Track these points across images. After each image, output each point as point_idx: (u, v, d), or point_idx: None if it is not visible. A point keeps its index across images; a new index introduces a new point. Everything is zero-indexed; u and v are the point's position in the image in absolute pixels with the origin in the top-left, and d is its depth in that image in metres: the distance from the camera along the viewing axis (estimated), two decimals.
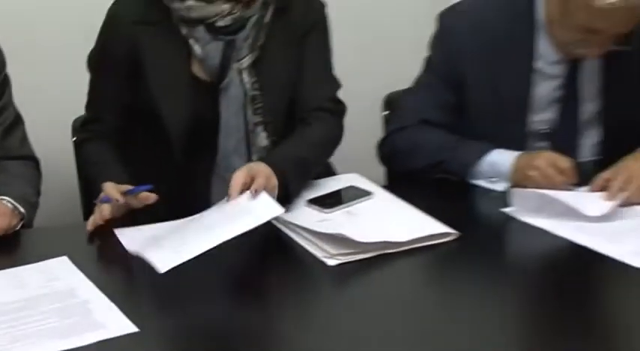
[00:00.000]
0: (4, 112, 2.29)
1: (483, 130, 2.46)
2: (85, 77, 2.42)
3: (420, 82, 2.55)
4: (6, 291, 1.88)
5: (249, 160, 2.32)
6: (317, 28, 2.42)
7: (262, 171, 2.11)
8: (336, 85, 2.46)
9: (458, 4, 2.55)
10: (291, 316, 1.82)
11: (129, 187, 2.13)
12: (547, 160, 2.27)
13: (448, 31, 2.50)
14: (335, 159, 2.58)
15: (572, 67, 2.46)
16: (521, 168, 2.30)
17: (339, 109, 2.45)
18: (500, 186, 2.34)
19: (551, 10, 2.36)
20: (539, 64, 2.46)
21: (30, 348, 1.65)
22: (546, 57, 2.45)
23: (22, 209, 2.14)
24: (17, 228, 2.12)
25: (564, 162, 2.27)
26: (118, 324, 1.72)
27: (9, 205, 2.12)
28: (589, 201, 2.19)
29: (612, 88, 2.49)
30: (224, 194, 2.20)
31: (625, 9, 2.19)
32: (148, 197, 2.11)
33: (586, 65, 2.46)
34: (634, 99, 2.50)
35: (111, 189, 2.09)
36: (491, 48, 2.45)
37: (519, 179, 2.30)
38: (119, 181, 2.16)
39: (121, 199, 2.08)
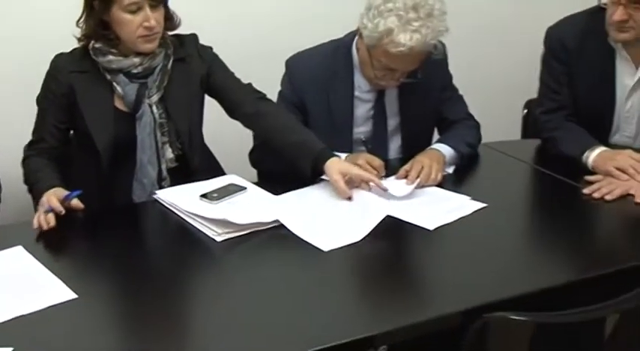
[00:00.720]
0: None
1: (322, 138, 2.40)
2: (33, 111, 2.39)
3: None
4: None
5: (160, 169, 2.36)
6: (215, 64, 2.43)
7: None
8: (250, 84, 2.45)
9: (299, 53, 2.56)
10: (189, 276, 1.88)
11: (65, 192, 2.14)
12: (365, 159, 2.33)
13: (293, 72, 2.54)
14: (223, 162, 2.61)
15: (380, 94, 2.53)
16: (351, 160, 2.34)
17: (264, 95, 2.44)
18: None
19: (362, 56, 2.44)
20: (357, 93, 2.52)
21: None
22: (361, 87, 2.52)
23: None
24: None
25: (376, 161, 2.33)
26: (61, 292, 1.75)
27: None
28: (396, 185, 2.28)
29: (406, 108, 2.57)
30: (142, 194, 2.35)
31: (411, 54, 2.29)
32: (78, 205, 2.13)
33: (388, 92, 2.54)
34: (421, 115, 2.59)
35: (54, 201, 2.08)
36: (324, 82, 2.50)
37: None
38: (53, 184, 2.18)
39: (62, 210, 2.08)
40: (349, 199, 2.19)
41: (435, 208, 2.18)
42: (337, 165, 2.21)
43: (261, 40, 3.19)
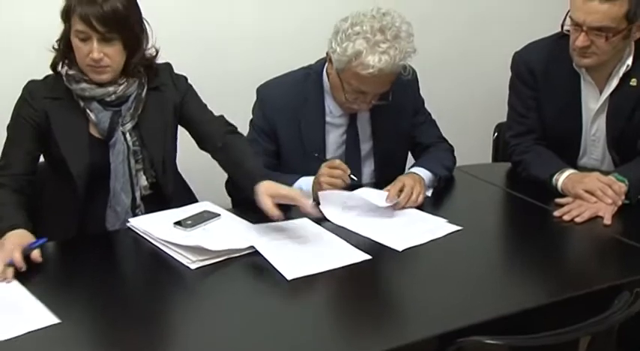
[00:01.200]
0: None
1: (295, 166, 2.52)
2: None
3: (249, 138, 2.52)
4: None
5: (134, 196, 2.34)
6: (188, 94, 2.42)
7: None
8: (222, 117, 2.44)
9: (269, 80, 2.57)
10: (162, 303, 1.87)
11: (30, 237, 2.04)
12: (327, 166, 2.34)
13: (264, 100, 2.55)
14: (197, 190, 2.61)
15: (352, 118, 2.56)
16: (315, 182, 2.36)
17: (235, 128, 2.43)
18: None
19: (332, 80, 2.46)
20: (329, 118, 2.54)
21: None
22: (333, 113, 2.54)
23: None
24: None
25: (338, 162, 2.35)
26: (44, 318, 1.73)
27: None
28: (377, 195, 2.33)
29: (379, 132, 2.59)
30: (116, 222, 2.32)
31: (381, 76, 2.31)
32: (37, 258, 1.98)
33: (360, 117, 2.56)
34: (394, 139, 2.62)
35: (17, 256, 1.93)
36: (295, 109, 2.51)
37: (318, 189, 2.33)
38: (16, 224, 2.07)
39: (24, 267, 1.94)
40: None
41: (409, 229, 2.20)
42: (265, 187, 2.16)
43: (231, 66, 3.21)
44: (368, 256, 2.04)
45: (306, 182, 2.41)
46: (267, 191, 2.15)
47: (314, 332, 1.76)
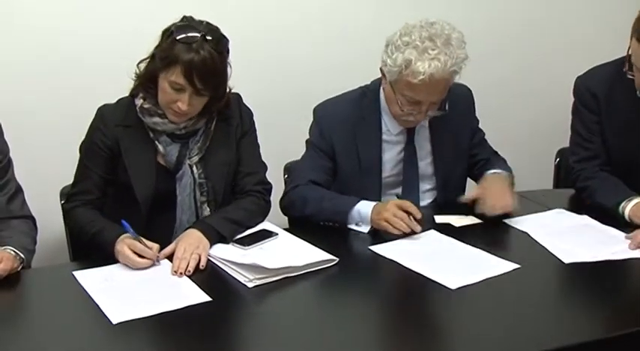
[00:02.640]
0: (9, 184, 2.25)
1: (351, 183, 2.52)
2: (68, 158, 2.41)
3: (305, 156, 2.58)
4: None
5: None
6: (250, 133, 2.44)
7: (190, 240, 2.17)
8: (263, 170, 2.47)
9: (326, 100, 2.59)
10: (222, 324, 1.86)
11: (134, 238, 2.13)
12: (396, 204, 2.30)
13: (321, 119, 2.56)
14: None
15: (410, 137, 2.54)
16: (377, 212, 2.31)
17: (265, 189, 2.45)
18: (365, 228, 2.36)
19: (387, 94, 2.45)
20: (386, 136, 2.53)
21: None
22: (391, 131, 2.53)
23: (21, 255, 2.12)
24: (18, 269, 2.10)
25: (409, 204, 2.30)
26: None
27: (12, 252, 2.09)
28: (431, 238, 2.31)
29: (437, 149, 2.57)
30: None
31: (432, 82, 2.28)
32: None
33: (419, 135, 2.55)
34: (453, 157, 2.60)
35: (149, 252, 2.11)
36: (352, 127, 2.51)
37: (377, 223, 2.32)
38: (120, 232, 2.16)
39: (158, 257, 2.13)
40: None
41: (463, 266, 2.13)
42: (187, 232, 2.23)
43: (289, 87, 3.24)
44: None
45: (365, 206, 2.39)
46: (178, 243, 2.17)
47: (365, 348, 1.76)
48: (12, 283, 2.06)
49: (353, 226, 2.39)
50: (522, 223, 2.39)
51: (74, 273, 2.11)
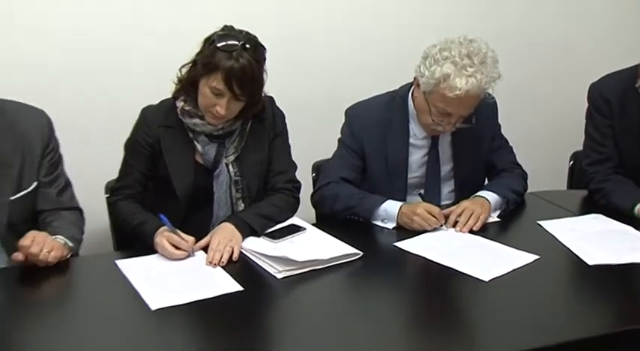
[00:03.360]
0: (59, 178, 2.28)
1: (378, 182, 2.53)
2: (113, 155, 2.43)
3: (337, 154, 2.59)
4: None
5: None
6: (281, 134, 2.45)
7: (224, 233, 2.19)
8: (293, 169, 2.48)
9: (357, 103, 2.59)
10: (251, 313, 1.85)
11: (171, 229, 2.17)
12: (424, 208, 2.32)
13: (352, 120, 2.56)
14: None
15: (434, 141, 2.54)
16: (406, 213, 2.33)
17: (295, 187, 2.46)
18: (390, 225, 2.38)
19: (419, 103, 2.44)
20: (412, 140, 2.54)
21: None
22: (417, 135, 2.53)
23: (71, 244, 2.14)
24: (67, 257, 2.13)
25: (435, 209, 2.33)
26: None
27: (62, 241, 2.12)
28: (450, 236, 2.32)
29: (459, 155, 2.57)
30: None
31: (466, 98, 2.29)
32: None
33: (442, 140, 2.55)
34: (472, 162, 2.59)
35: (184, 244, 2.14)
36: (381, 130, 2.51)
37: (404, 221, 2.34)
38: (159, 224, 2.20)
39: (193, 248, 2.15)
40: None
41: (491, 259, 2.12)
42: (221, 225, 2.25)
43: (318, 91, 3.24)
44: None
45: (391, 205, 2.40)
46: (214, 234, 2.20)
47: (394, 337, 1.75)
48: (61, 270, 2.09)
49: (378, 223, 2.40)
50: (552, 225, 2.36)
51: (117, 262, 2.13)
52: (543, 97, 3.67)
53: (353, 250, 2.15)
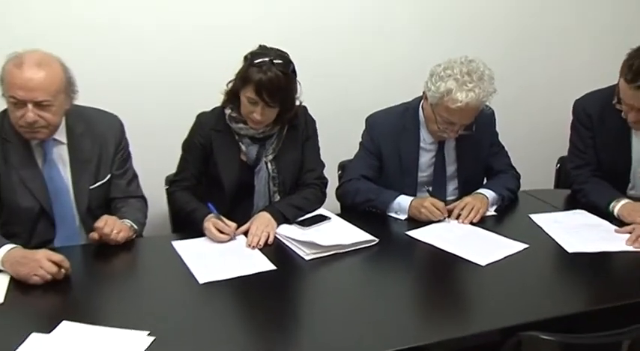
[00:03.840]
0: (128, 171, 2.30)
1: (393, 179, 2.50)
2: (172, 153, 2.43)
3: (358, 155, 2.56)
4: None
5: None
6: (312, 137, 2.44)
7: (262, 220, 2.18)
8: (321, 168, 2.46)
9: (376, 112, 2.56)
10: (283, 289, 1.86)
11: (218, 218, 2.16)
12: (431, 202, 2.31)
13: (372, 126, 2.53)
14: None
15: (440, 146, 2.51)
16: (415, 206, 2.32)
17: (323, 183, 2.44)
18: (402, 216, 2.35)
19: (427, 113, 2.42)
20: (422, 144, 2.51)
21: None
22: (425, 140, 2.50)
23: (135, 227, 2.16)
24: (133, 237, 2.14)
25: (440, 204, 2.32)
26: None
27: (128, 224, 2.13)
28: (452, 227, 2.28)
29: (461, 157, 2.53)
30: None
31: (467, 109, 2.28)
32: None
33: (447, 145, 2.52)
34: (473, 164, 2.56)
35: (227, 228, 2.14)
36: (396, 135, 2.49)
37: (414, 213, 2.32)
38: (208, 212, 2.19)
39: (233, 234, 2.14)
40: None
41: (487, 247, 2.09)
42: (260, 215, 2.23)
43: (343, 102, 3.21)
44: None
45: (404, 200, 2.38)
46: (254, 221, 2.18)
47: (407, 315, 1.74)
48: (128, 248, 2.11)
49: (392, 214, 2.38)
50: (540, 218, 2.32)
51: (173, 242, 2.14)
52: (535, 110, 3.61)
53: (370, 237, 2.13)
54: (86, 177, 2.18)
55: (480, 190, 2.45)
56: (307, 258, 2.02)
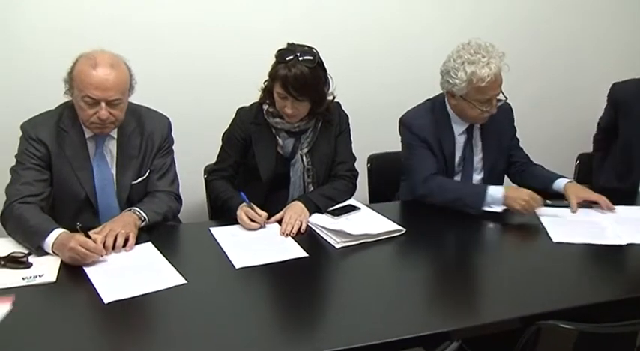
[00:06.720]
0: (163, 168, 2.23)
1: (437, 167, 2.44)
2: (211, 145, 2.44)
3: (413, 156, 2.47)
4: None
5: None
6: (345, 132, 2.44)
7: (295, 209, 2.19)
8: (352, 161, 2.45)
9: (408, 111, 2.52)
10: (314, 275, 1.86)
11: (251, 207, 2.17)
12: (529, 195, 2.27)
13: (412, 126, 2.46)
14: None
15: (469, 135, 2.48)
16: (512, 198, 2.26)
17: (353, 175, 2.44)
18: (498, 208, 2.30)
19: (460, 107, 2.39)
20: (455, 135, 2.48)
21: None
22: (457, 131, 2.48)
23: (144, 215, 2.07)
24: (141, 226, 2.05)
25: (536, 196, 2.27)
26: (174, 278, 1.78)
27: (135, 214, 2.06)
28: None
29: (486, 147, 2.51)
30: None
31: (495, 79, 2.28)
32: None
33: (475, 136, 2.49)
34: (497, 153, 2.53)
35: (257, 218, 2.15)
36: (432, 128, 2.45)
37: (510, 205, 2.27)
38: (242, 201, 2.19)
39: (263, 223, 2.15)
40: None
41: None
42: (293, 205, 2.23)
43: (375, 99, 3.21)
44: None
45: (494, 192, 2.32)
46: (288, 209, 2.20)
47: (430, 302, 1.74)
48: (170, 233, 2.15)
49: (487, 208, 2.32)
50: (546, 214, 2.30)
51: (210, 229, 2.15)
52: (555, 108, 3.58)
53: (398, 226, 2.13)
54: (130, 173, 2.18)
55: (566, 180, 2.45)
56: (338, 246, 2.02)
